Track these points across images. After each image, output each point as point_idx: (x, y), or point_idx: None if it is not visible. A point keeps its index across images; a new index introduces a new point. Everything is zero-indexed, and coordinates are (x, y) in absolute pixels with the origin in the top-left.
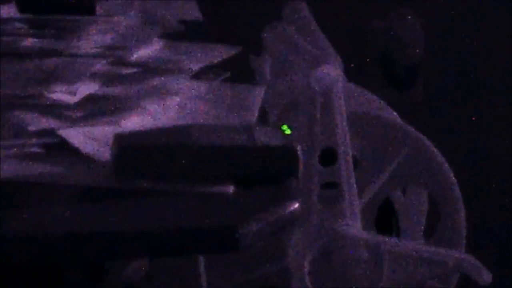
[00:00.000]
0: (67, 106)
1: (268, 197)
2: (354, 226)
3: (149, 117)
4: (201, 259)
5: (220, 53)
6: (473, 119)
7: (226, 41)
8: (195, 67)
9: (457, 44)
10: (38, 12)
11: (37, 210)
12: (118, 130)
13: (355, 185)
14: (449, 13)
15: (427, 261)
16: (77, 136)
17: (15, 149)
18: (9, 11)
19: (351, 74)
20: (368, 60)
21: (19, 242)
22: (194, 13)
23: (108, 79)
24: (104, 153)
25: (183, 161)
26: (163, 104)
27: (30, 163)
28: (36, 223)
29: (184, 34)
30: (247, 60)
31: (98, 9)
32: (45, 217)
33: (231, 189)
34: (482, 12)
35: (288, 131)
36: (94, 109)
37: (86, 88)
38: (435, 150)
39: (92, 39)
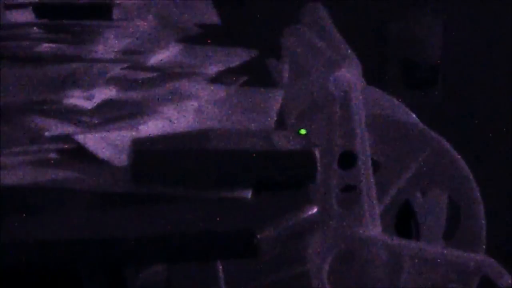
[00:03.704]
0: (84, 112)
1: (287, 201)
2: (373, 229)
3: (167, 122)
4: (219, 264)
5: (238, 56)
6: (493, 120)
7: (244, 45)
8: (213, 71)
9: (476, 44)
10: (55, 17)
11: (54, 216)
12: (136, 135)
13: (374, 188)
14: (468, 13)
15: (447, 264)
16: (94, 141)
17: (32, 154)
18: (26, 16)
19: (370, 76)
20: (387, 61)
21: (36, 247)
22: (211, 16)
23: (125, 83)
24: (122, 159)
25: (201, 166)
26: (181, 109)
27: (47, 168)
28: (53, 228)
29: (202, 38)
30: (265, 64)
31: (115, 14)
32: (63, 222)
33: (249, 194)
34: (501, 11)
35: (303, 131)
36: (111, 114)
37: (103, 93)
38: (455, 152)
39: (109, 44)
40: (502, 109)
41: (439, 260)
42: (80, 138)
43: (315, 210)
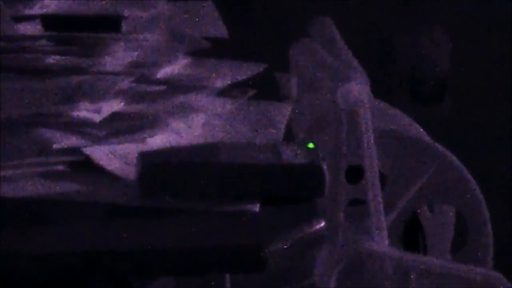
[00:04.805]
0: (92, 124)
1: (295, 215)
2: (381, 243)
3: (174, 135)
4: (227, 277)
5: (246, 70)
6: (502, 135)
7: (252, 58)
8: (221, 84)
9: (484, 59)
10: (63, 29)
11: (62, 228)
12: (143, 148)
13: (381, 202)
14: (476, 28)
15: (454, 278)
16: (102, 154)
17: (40, 167)
18: (34, 28)
19: (377, 90)
20: (394, 75)
21: (44, 260)
22: (220, 30)
23: (133, 96)
24: (129, 171)
25: (209, 179)
26: (188, 122)
27: (55, 181)
28: (61, 241)
29: (210, 51)
30: (273, 77)
31: (124, 26)
32: (70, 235)
33: (257, 207)
34: (510, 26)
35: (311, 145)
36: (119, 127)
37: (111, 106)
38: (462, 166)
39: (117, 57)
40: (511, 123)
41: (446, 274)
42: (88, 150)
43: (322, 224)
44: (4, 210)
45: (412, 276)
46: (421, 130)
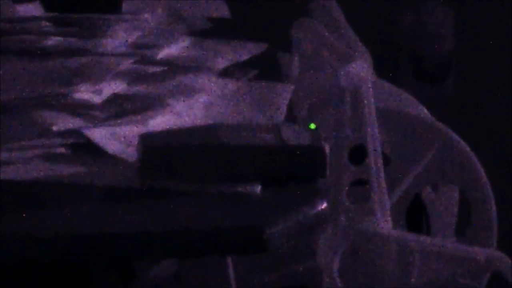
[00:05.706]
0: (93, 106)
1: (296, 196)
2: (384, 224)
3: (175, 116)
4: (229, 258)
5: (247, 50)
6: (506, 114)
7: (254, 38)
8: (222, 65)
9: (488, 37)
10: (64, 10)
11: (63, 211)
12: (144, 129)
13: (385, 183)
14: (480, 6)
15: (458, 258)
16: (103, 136)
17: (40, 149)
18: (34, 9)
19: (381, 69)
20: (398, 54)
21: (46, 242)
22: (221, 10)
23: (134, 78)
24: (130, 153)
25: (210, 161)
26: (190, 103)
27: (56, 163)
28: (62, 223)
29: (211, 31)
30: (275, 58)
31: (125, 7)
32: (71, 217)
33: (258, 189)
34: None
35: (312, 126)
36: (119, 108)
37: (112, 87)
38: (466, 146)
39: (118, 38)
40: None
41: (449, 255)
42: (89, 132)
43: (325, 204)
44: (4, 192)
45: (415, 257)
46: (425, 109)
